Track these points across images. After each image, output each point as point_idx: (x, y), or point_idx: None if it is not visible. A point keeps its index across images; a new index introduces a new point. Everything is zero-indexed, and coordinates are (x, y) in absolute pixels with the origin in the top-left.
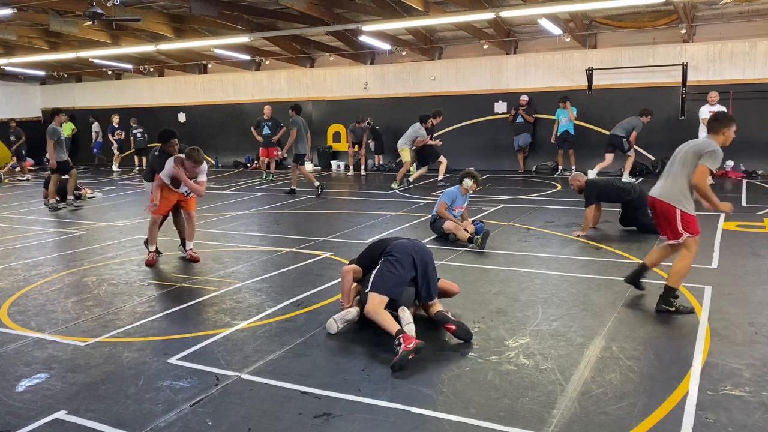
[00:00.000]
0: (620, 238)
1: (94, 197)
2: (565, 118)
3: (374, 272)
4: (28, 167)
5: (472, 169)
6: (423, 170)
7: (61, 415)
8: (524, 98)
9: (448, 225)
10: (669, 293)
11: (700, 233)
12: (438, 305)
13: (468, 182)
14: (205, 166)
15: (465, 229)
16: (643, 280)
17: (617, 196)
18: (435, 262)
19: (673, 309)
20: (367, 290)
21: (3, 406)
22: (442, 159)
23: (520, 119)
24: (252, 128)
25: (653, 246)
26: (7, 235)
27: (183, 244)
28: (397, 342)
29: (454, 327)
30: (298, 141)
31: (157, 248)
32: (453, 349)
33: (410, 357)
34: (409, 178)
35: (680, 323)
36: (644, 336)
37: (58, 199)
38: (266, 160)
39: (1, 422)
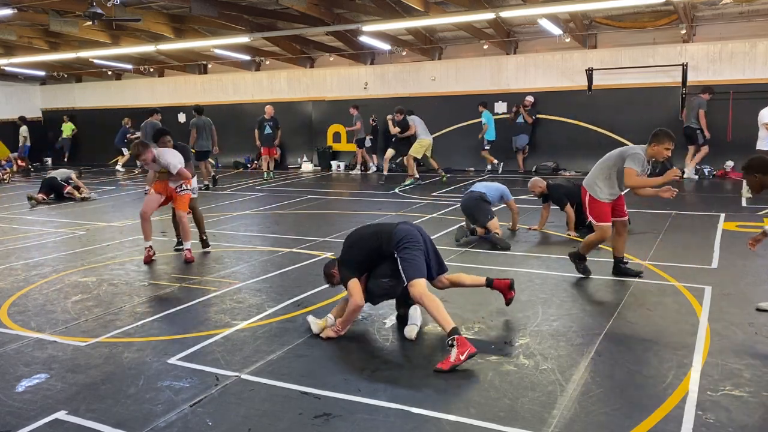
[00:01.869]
0: None
1: (89, 198)
2: (486, 124)
3: (400, 265)
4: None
5: None
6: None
7: (61, 415)
8: (529, 99)
9: (496, 224)
10: (577, 256)
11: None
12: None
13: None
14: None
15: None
16: (627, 266)
17: (578, 195)
18: None
19: (578, 268)
20: (406, 284)
21: (3, 406)
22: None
23: (520, 119)
24: (255, 130)
25: (653, 246)
26: (7, 235)
27: (180, 243)
28: (450, 342)
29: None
30: (199, 139)
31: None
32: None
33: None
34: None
35: (680, 323)
36: (644, 336)
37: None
38: (267, 159)
39: (1, 422)
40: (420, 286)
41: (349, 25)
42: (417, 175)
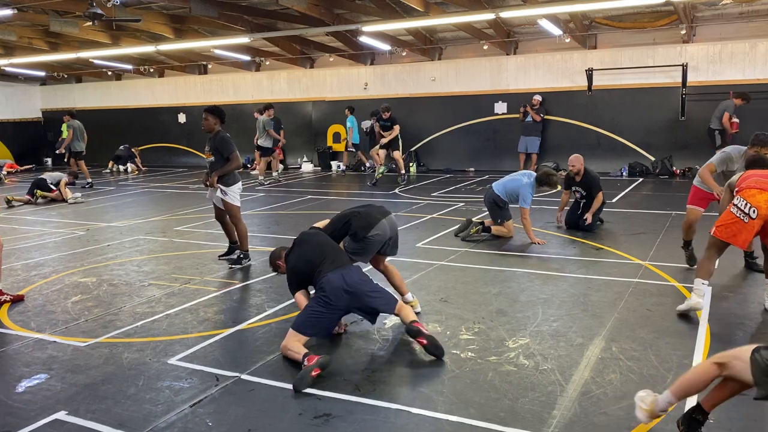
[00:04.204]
0: (620, 239)
1: (76, 202)
2: (351, 128)
3: (306, 307)
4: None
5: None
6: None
7: (61, 415)
8: (537, 98)
9: (509, 227)
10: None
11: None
12: (411, 313)
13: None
14: None
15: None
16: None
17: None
18: (437, 262)
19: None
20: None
21: (3, 407)
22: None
23: (529, 118)
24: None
25: (653, 246)
26: (7, 235)
27: (231, 251)
28: (304, 363)
29: (425, 341)
30: (74, 140)
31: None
32: (452, 349)
33: (313, 374)
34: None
35: (680, 324)
36: (644, 336)
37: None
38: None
39: (1, 423)
40: (292, 338)
41: (349, 26)
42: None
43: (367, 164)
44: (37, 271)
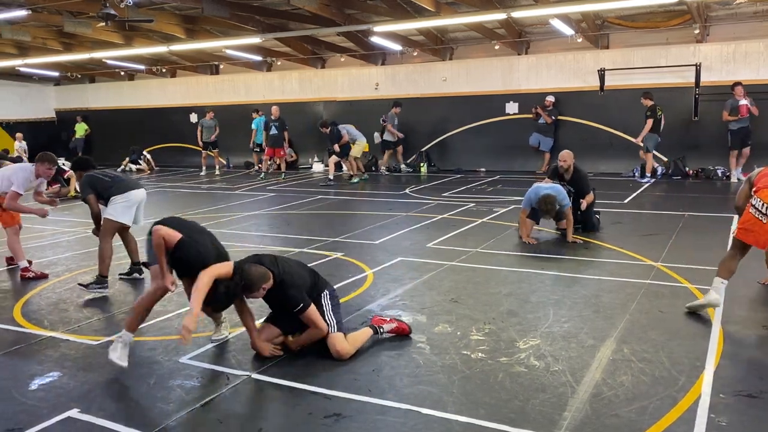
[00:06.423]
0: (632, 240)
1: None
2: (254, 129)
3: (329, 311)
4: None
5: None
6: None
7: (74, 413)
8: (550, 99)
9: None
10: None
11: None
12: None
13: None
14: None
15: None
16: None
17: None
18: (447, 263)
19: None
20: (334, 332)
21: (16, 404)
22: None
23: (541, 120)
24: (263, 131)
25: (665, 247)
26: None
27: (134, 265)
28: (381, 331)
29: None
30: None
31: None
32: (463, 350)
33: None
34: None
35: (693, 325)
36: (656, 338)
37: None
38: (277, 160)
39: (14, 420)
40: (340, 338)
41: (360, 26)
42: (364, 170)
43: (260, 166)
44: (51, 270)
